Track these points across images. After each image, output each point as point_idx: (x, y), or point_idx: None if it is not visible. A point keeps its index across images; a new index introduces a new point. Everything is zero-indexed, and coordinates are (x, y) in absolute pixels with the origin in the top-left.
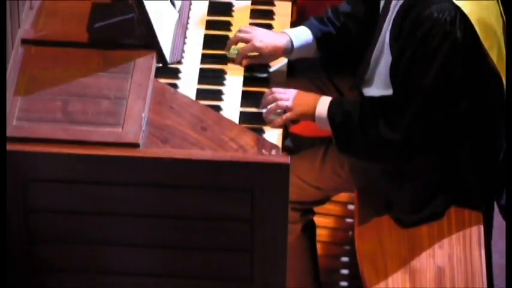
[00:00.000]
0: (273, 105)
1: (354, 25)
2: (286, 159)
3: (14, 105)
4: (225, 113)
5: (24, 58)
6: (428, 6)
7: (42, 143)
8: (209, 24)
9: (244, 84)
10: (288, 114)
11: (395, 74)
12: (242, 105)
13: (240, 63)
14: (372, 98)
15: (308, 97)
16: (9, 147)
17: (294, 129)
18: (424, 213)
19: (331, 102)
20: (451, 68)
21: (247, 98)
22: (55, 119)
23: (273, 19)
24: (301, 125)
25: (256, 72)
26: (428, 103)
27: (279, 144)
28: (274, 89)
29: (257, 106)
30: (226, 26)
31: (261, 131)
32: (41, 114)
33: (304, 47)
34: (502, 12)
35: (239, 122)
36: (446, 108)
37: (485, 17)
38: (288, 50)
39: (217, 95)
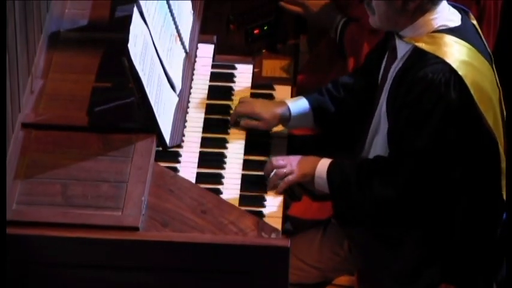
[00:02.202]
0: (272, 174)
1: (352, 97)
2: (286, 242)
3: (14, 189)
4: (225, 196)
5: (24, 142)
6: (423, 67)
7: (42, 227)
8: (209, 108)
9: (244, 167)
10: (289, 177)
11: (392, 135)
12: (242, 188)
13: (234, 122)
14: (369, 159)
15: (308, 159)
16: (9, 231)
17: (294, 211)
18: (418, 285)
19: (331, 163)
20: (445, 128)
21: (247, 182)
22: (55, 203)
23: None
24: (301, 208)
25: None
26: (423, 163)
27: (279, 227)
28: (273, 158)
29: (257, 190)
30: (226, 109)
31: (261, 214)
32: (40, 197)
33: (302, 115)
34: (498, 83)
35: (239, 205)
36: (440, 169)
37: (481, 81)
38: (285, 118)
39: (217, 179)
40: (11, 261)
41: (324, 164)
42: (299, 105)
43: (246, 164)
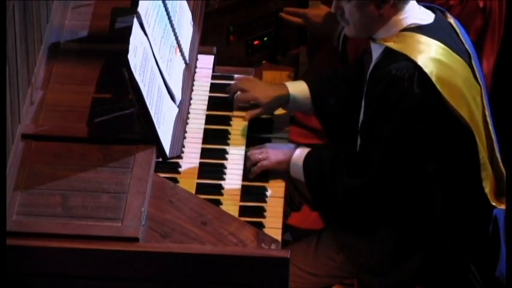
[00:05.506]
0: (248, 162)
1: (347, 87)
2: (286, 253)
3: (14, 200)
4: (224, 207)
5: (24, 153)
6: (388, 65)
7: (42, 238)
8: (209, 119)
9: (244, 178)
10: (263, 163)
11: (361, 128)
12: (242, 199)
13: (237, 108)
14: (344, 151)
15: (284, 147)
16: (9, 242)
17: (293, 221)
18: (396, 276)
19: (309, 151)
20: (410, 121)
21: (247, 193)
22: (55, 214)
23: (273, 114)
24: (299, 218)
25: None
26: (387, 153)
27: (279, 238)
28: (249, 152)
29: (257, 201)
30: (226, 120)
31: (261, 225)
32: (40, 208)
33: (301, 99)
34: (479, 80)
35: (239, 216)
36: (409, 160)
37: (450, 78)
38: (284, 99)
39: (217, 190)
40: (10, 272)
41: (302, 151)
42: (298, 88)
43: (246, 175)
